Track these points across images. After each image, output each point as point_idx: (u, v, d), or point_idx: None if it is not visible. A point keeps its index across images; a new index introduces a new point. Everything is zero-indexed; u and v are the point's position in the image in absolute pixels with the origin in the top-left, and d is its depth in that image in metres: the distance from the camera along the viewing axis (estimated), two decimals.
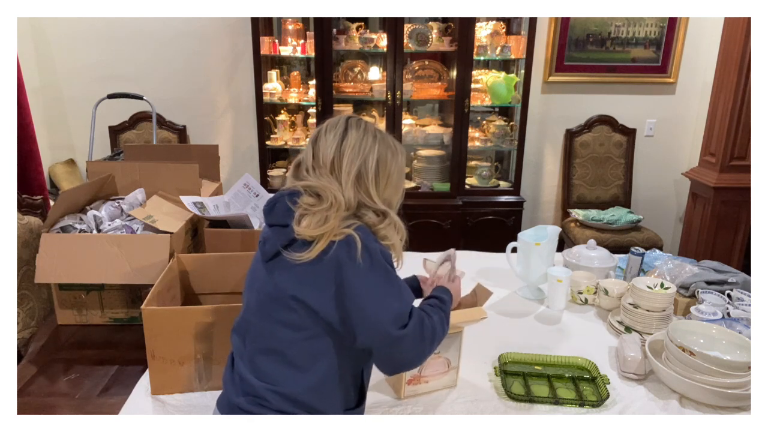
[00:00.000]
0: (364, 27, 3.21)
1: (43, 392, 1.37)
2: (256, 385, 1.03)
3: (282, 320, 1.02)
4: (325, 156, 1.06)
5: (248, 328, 1.09)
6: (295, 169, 1.11)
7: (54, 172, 3.38)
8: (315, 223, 0.99)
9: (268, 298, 1.04)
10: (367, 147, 1.06)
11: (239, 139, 3.56)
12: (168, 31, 3.31)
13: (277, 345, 1.03)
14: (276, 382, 1.03)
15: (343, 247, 1.00)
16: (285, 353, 1.03)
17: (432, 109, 3.61)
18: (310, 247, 0.98)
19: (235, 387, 1.08)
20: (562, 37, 3.39)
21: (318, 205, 1.01)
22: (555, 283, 1.76)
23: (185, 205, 1.74)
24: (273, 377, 1.03)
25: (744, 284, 1.78)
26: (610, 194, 3.62)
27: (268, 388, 1.02)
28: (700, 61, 3.46)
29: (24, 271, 1.72)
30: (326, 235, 0.99)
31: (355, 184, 1.05)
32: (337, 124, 1.09)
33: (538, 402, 1.33)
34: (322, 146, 1.07)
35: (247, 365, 1.07)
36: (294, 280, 1.01)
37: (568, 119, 3.57)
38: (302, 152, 1.13)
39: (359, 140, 1.06)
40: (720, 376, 1.29)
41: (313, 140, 1.10)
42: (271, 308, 1.04)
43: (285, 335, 1.02)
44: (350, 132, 1.07)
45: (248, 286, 1.12)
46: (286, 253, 1.01)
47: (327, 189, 1.02)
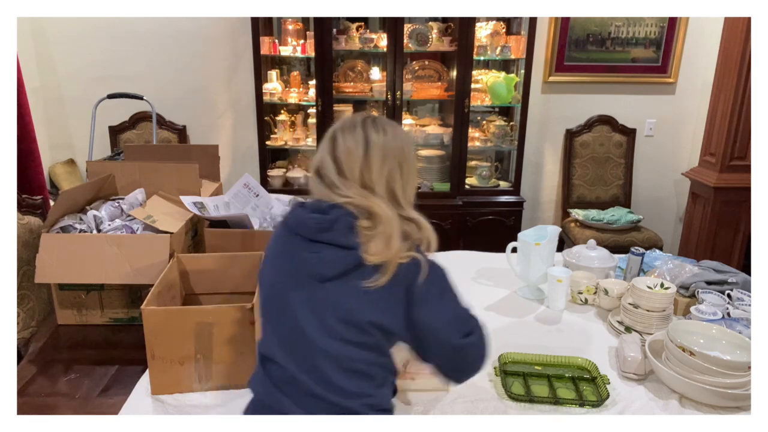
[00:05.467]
0: (364, 27, 3.21)
1: (43, 392, 1.37)
2: (344, 404, 1.02)
3: (360, 343, 1.02)
4: (351, 170, 1.03)
5: (310, 348, 1.03)
6: (318, 176, 1.06)
7: (54, 172, 3.38)
8: (382, 247, 0.99)
9: (340, 322, 1.01)
10: (390, 154, 1.04)
11: (239, 139, 3.56)
12: (168, 31, 3.31)
13: (358, 366, 1.03)
14: (365, 395, 1.04)
15: (411, 270, 1.01)
16: (367, 372, 1.04)
17: (432, 109, 3.61)
18: (380, 272, 0.99)
19: (305, 406, 1.03)
20: (562, 37, 3.39)
21: (374, 228, 1.00)
22: (555, 283, 1.76)
23: (185, 205, 1.74)
24: (360, 393, 1.04)
25: (744, 284, 1.78)
26: (610, 194, 3.62)
27: (363, 403, 1.04)
28: (700, 61, 3.46)
29: (24, 271, 1.72)
30: (394, 259, 0.99)
31: (390, 197, 1.05)
32: (354, 129, 1.04)
33: (538, 402, 1.33)
34: (344, 157, 1.03)
35: (321, 385, 1.02)
36: (367, 305, 1.01)
37: (568, 119, 3.57)
38: (319, 158, 1.07)
39: (382, 147, 1.03)
40: (720, 376, 1.29)
41: (331, 147, 1.05)
42: (345, 331, 1.02)
43: (364, 356, 1.03)
44: (371, 138, 1.04)
45: (299, 304, 1.04)
46: (355, 277, 1.00)
47: (377, 206, 1.01)
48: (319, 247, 1.02)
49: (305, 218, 1.04)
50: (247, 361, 1.35)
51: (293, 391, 1.04)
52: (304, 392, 1.03)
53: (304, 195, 1.17)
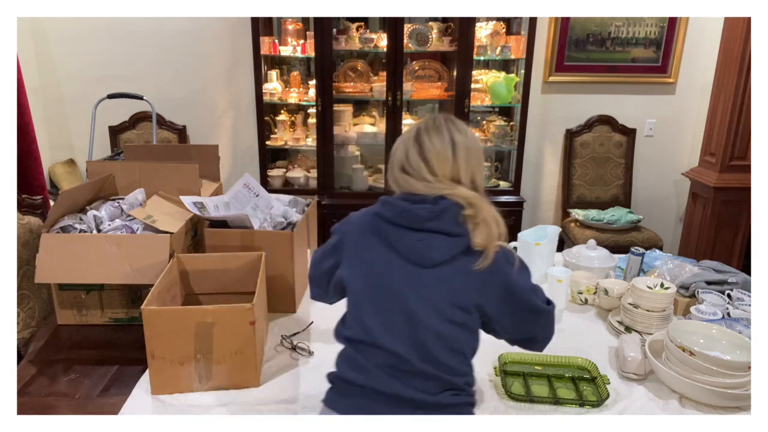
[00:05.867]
0: (364, 27, 3.21)
1: (43, 392, 1.36)
2: (453, 381, 1.11)
3: (463, 324, 1.12)
4: (441, 168, 1.12)
5: (420, 330, 1.10)
6: (405, 172, 1.15)
7: (54, 172, 3.39)
8: (486, 234, 1.10)
9: (448, 304, 1.10)
10: (472, 152, 1.14)
11: (239, 139, 3.56)
12: (168, 31, 3.31)
13: (461, 346, 1.13)
14: (466, 374, 1.14)
15: (505, 255, 1.15)
16: (465, 353, 1.14)
17: (432, 109, 3.60)
18: (482, 257, 1.10)
19: (416, 385, 1.09)
20: (562, 37, 3.39)
21: (477, 216, 1.11)
22: (555, 283, 1.76)
23: (185, 205, 1.74)
24: (462, 371, 1.13)
25: (744, 284, 1.78)
26: (610, 194, 3.62)
27: (464, 381, 1.14)
28: (700, 61, 3.46)
29: (24, 271, 1.72)
30: (494, 244, 1.11)
31: (472, 188, 1.15)
32: (440, 132, 1.14)
33: (538, 402, 1.33)
34: (434, 157, 1.12)
35: (431, 364, 1.10)
36: (473, 288, 1.11)
37: (568, 119, 3.57)
38: (403, 156, 1.15)
39: (466, 147, 1.13)
40: (720, 376, 1.29)
41: (418, 148, 1.13)
42: (453, 313, 1.11)
43: (466, 337, 1.13)
44: (456, 139, 1.13)
45: (407, 289, 1.12)
46: (463, 262, 1.10)
47: (475, 197, 1.12)
48: (425, 235, 1.11)
49: (413, 210, 1.11)
50: (247, 361, 1.35)
51: (403, 372, 1.10)
52: (415, 373, 1.10)
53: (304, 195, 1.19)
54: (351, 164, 3.41)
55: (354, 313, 1.17)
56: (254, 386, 1.38)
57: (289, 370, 1.46)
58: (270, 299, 1.69)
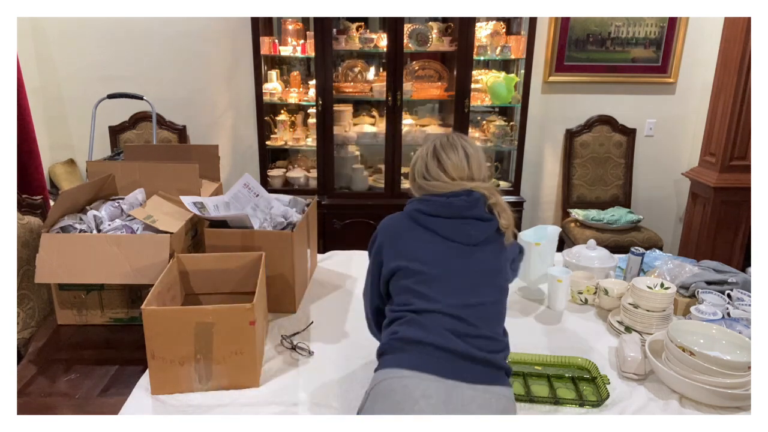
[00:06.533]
0: (364, 27, 3.21)
1: (43, 392, 1.36)
2: (505, 341, 1.27)
3: (500, 287, 1.32)
4: (460, 175, 1.35)
5: (477, 297, 1.26)
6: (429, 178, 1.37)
7: (54, 172, 3.39)
8: (507, 218, 1.35)
9: (494, 272, 1.32)
10: (481, 158, 1.39)
11: (239, 139, 3.56)
12: (168, 31, 3.31)
13: (503, 313, 1.31)
14: (506, 336, 1.30)
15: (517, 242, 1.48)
16: (503, 320, 1.32)
17: (432, 109, 3.60)
18: (505, 236, 1.37)
19: (479, 345, 1.21)
20: (562, 37, 3.39)
21: (498, 204, 1.35)
22: (555, 283, 1.77)
23: (185, 205, 1.74)
24: (503, 337, 1.28)
25: (744, 284, 1.78)
26: (610, 194, 3.62)
27: (506, 343, 1.28)
28: (700, 61, 3.46)
29: (24, 271, 1.72)
30: (512, 227, 1.38)
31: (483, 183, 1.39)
32: (455, 148, 1.37)
33: (538, 402, 1.33)
34: (453, 169, 1.35)
35: (488, 328, 1.24)
36: (503, 257, 1.36)
37: (568, 119, 3.57)
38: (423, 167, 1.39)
39: (476, 157, 1.38)
40: (720, 376, 1.29)
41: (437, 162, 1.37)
42: (496, 279, 1.32)
43: (503, 308, 1.32)
44: (468, 152, 1.37)
45: (463, 264, 1.29)
46: (494, 240, 1.34)
47: (494, 190, 1.37)
48: (466, 221, 1.32)
49: (452, 202, 1.32)
50: (247, 361, 1.35)
51: (462, 334, 1.21)
52: (476, 335, 1.22)
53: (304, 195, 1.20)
54: (351, 164, 3.41)
55: (413, 289, 1.27)
56: (254, 386, 1.38)
57: (289, 370, 1.46)
58: (270, 299, 1.69)
